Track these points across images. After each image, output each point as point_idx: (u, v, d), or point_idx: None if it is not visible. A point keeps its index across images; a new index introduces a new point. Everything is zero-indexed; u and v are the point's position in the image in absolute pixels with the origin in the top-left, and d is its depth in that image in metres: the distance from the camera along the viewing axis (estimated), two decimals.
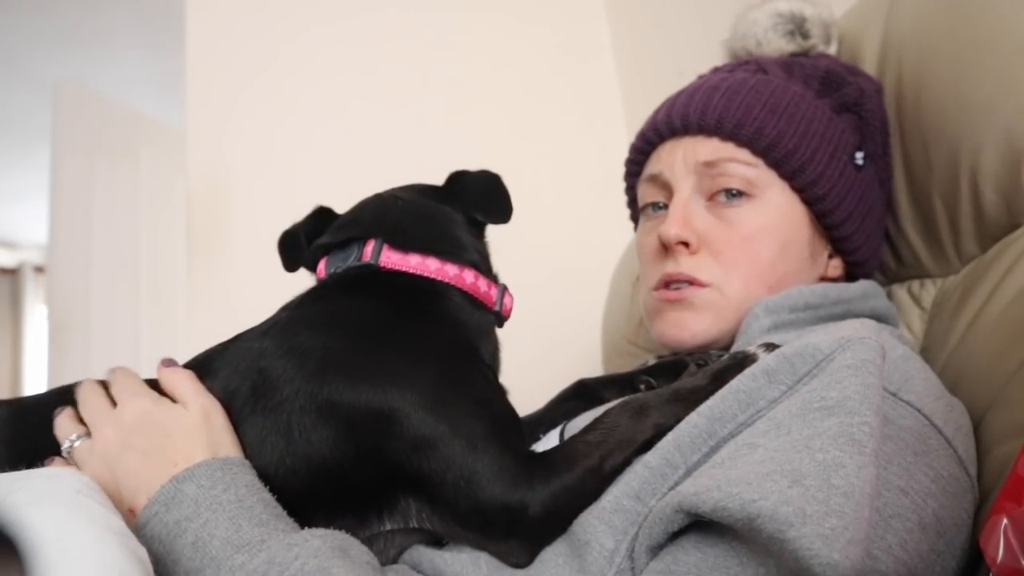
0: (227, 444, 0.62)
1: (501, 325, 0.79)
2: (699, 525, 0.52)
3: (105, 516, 0.49)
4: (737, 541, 0.50)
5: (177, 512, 0.55)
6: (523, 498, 0.57)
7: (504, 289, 0.79)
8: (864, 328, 0.60)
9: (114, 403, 0.65)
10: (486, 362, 0.73)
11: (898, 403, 0.61)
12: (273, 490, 0.60)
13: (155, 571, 0.54)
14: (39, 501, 0.47)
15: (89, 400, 0.66)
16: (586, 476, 0.59)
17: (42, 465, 0.62)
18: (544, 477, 0.59)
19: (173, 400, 0.65)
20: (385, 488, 0.61)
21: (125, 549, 0.47)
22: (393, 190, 0.83)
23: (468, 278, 0.74)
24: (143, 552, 0.50)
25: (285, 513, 0.58)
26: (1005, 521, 0.52)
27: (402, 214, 0.77)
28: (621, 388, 0.80)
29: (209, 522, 0.54)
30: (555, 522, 0.59)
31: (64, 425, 0.66)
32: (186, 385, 0.65)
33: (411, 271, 0.72)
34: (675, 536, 0.54)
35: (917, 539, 0.55)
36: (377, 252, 0.72)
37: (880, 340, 0.59)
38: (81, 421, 0.65)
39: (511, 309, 0.79)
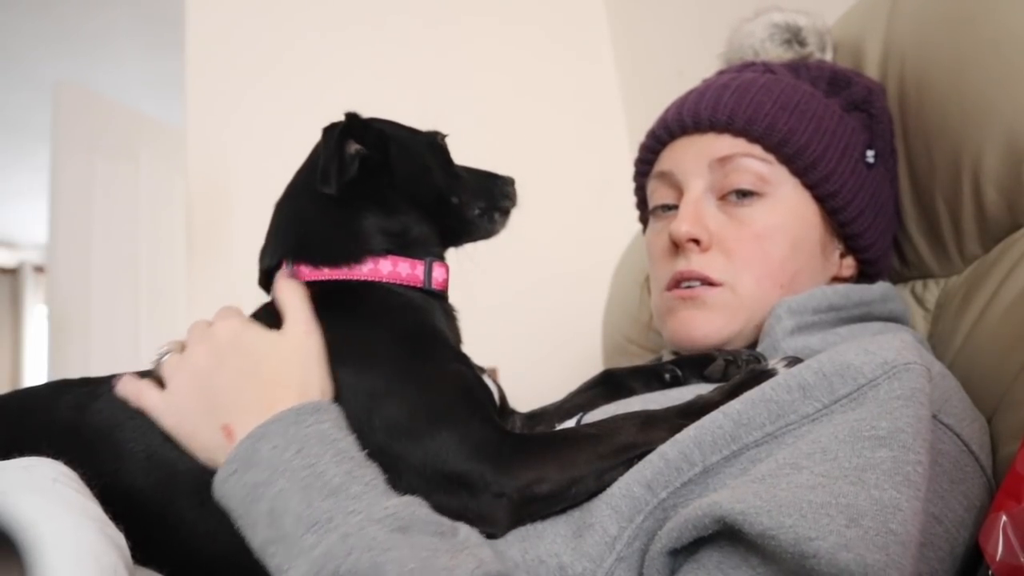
0: (315, 375, 0.64)
1: (443, 299, 0.77)
2: (722, 536, 0.51)
3: (82, 503, 0.50)
4: (763, 567, 0.49)
5: (254, 475, 0.56)
6: (484, 469, 0.58)
7: (431, 263, 0.76)
8: (906, 349, 0.58)
9: None
10: (440, 337, 0.73)
11: (938, 426, 0.59)
12: None
13: (235, 529, 0.57)
14: (15, 490, 0.47)
15: (193, 325, 0.70)
16: (565, 464, 0.59)
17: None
18: (515, 453, 0.59)
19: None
20: None
21: (103, 535, 0.47)
22: (291, 193, 0.81)
23: (384, 269, 0.73)
24: (120, 538, 0.50)
25: (358, 463, 0.58)
26: (1004, 518, 0.52)
27: (303, 227, 0.76)
28: (647, 379, 0.79)
29: (283, 492, 0.55)
30: (524, 498, 0.58)
31: (164, 345, 0.70)
32: (295, 303, 0.68)
33: (329, 280, 0.72)
34: (695, 544, 0.52)
35: (947, 568, 0.55)
36: (291, 274, 0.74)
37: (924, 361, 0.58)
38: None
39: (444, 281, 0.77)
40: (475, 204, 0.82)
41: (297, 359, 0.64)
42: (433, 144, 0.83)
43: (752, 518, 0.47)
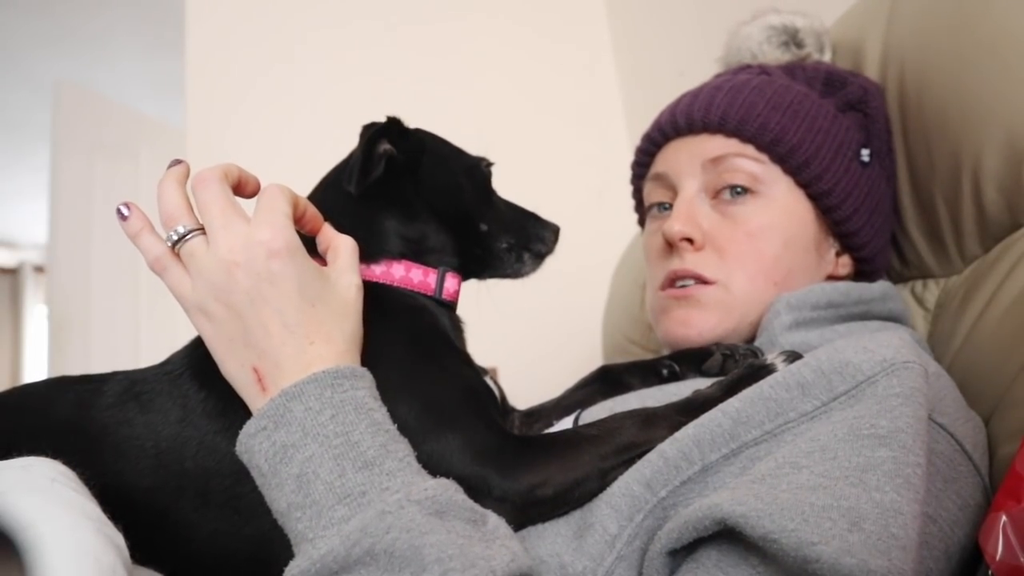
0: (356, 337, 0.60)
1: (452, 309, 0.77)
2: (720, 535, 0.51)
3: (81, 503, 0.49)
4: (762, 565, 0.49)
5: (285, 435, 0.53)
6: (487, 473, 0.58)
7: (444, 273, 0.75)
8: (905, 348, 0.58)
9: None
10: (448, 341, 0.72)
11: (932, 425, 0.59)
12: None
13: (259, 487, 0.54)
14: (14, 490, 0.47)
15: (217, 195, 0.57)
16: (568, 467, 0.58)
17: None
18: (517, 457, 0.59)
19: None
20: None
21: (101, 535, 0.47)
22: (320, 187, 0.80)
23: (397, 273, 0.73)
24: (119, 538, 0.50)
25: (392, 437, 0.55)
26: (1004, 518, 0.52)
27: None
28: (645, 374, 0.79)
29: (314, 457, 0.52)
30: (527, 502, 0.58)
31: (172, 201, 0.58)
32: (350, 251, 0.63)
33: None
34: (693, 542, 0.52)
35: (942, 568, 0.55)
36: None
37: (921, 361, 0.58)
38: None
39: (455, 292, 0.76)
40: (504, 237, 0.81)
41: (342, 314, 0.59)
42: (474, 168, 0.82)
43: (754, 521, 0.47)
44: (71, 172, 2.99)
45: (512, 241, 0.82)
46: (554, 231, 0.86)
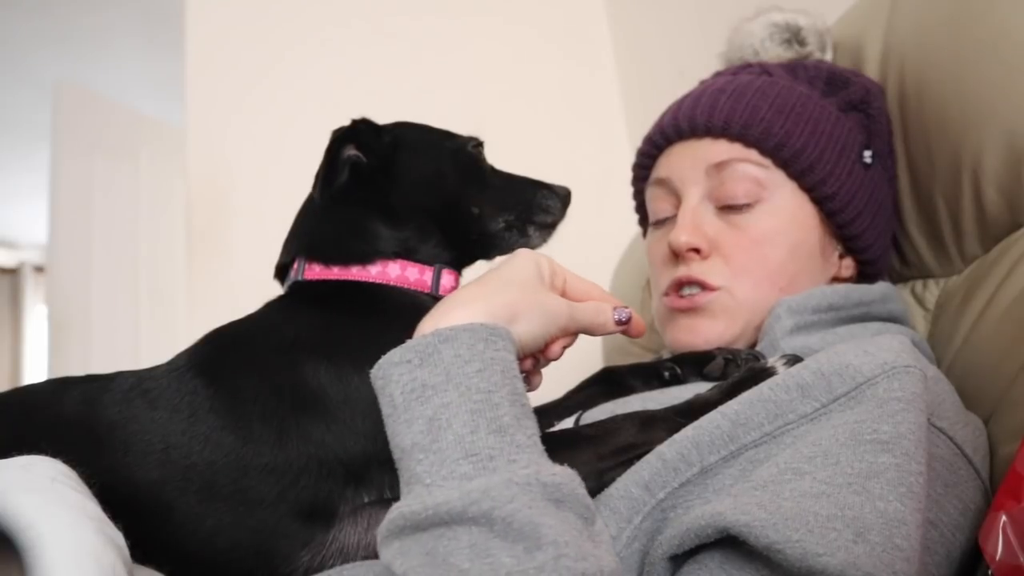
0: (514, 311, 0.59)
1: None
2: (725, 541, 0.51)
3: (81, 502, 0.49)
4: (767, 568, 0.49)
5: (427, 374, 0.53)
6: None
7: (440, 270, 0.75)
8: (905, 352, 0.58)
9: None
10: None
11: (931, 429, 0.59)
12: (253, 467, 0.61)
13: (384, 416, 0.54)
14: (14, 489, 0.47)
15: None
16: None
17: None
18: None
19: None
20: (361, 463, 0.63)
21: (101, 535, 0.47)
22: (311, 193, 0.81)
23: (393, 272, 0.73)
24: (119, 537, 0.50)
25: (526, 411, 0.54)
26: (1004, 518, 0.52)
27: (317, 227, 0.77)
28: (646, 377, 0.79)
29: (451, 405, 0.51)
30: None
31: None
32: (597, 290, 0.69)
33: (339, 279, 0.73)
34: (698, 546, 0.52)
35: (944, 573, 0.55)
36: (301, 271, 0.75)
37: (920, 366, 0.57)
38: None
39: (452, 289, 0.76)
40: (500, 216, 0.79)
41: (507, 282, 0.61)
42: (459, 151, 0.81)
43: (758, 531, 0.47)
44: (71, 172, 2.98)
45: (511, 218, 0.79)
46: (562, 197, 0.82)
